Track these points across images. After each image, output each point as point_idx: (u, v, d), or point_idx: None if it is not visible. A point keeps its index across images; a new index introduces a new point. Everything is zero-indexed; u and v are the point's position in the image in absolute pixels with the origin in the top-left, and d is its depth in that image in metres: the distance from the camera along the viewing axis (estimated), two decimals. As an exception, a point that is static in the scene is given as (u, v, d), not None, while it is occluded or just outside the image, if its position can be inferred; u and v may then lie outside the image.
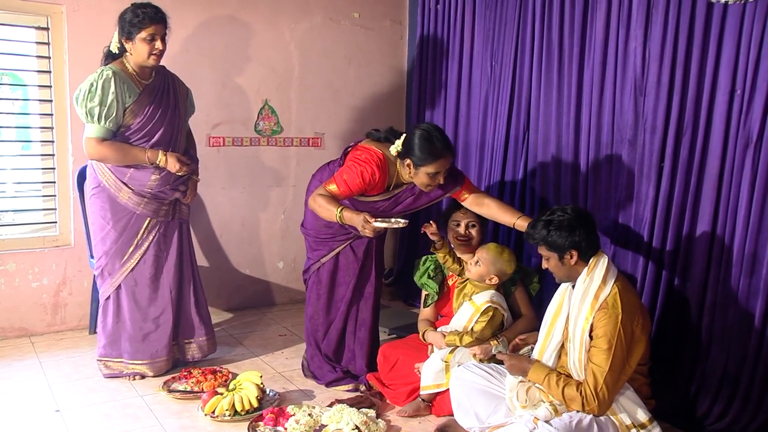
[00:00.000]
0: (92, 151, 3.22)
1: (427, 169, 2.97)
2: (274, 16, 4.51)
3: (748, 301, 2.88)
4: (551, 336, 2.63)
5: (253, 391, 3.04)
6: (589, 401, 2.40)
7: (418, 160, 2.97)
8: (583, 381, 2.45)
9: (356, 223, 2.95)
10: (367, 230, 2.92)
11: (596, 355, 2.43)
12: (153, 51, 3.18)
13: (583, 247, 2.55)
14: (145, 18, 3.14)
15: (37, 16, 3.85)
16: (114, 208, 3.31)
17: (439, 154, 2.96)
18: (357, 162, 3.07)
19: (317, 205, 3.06)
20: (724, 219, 2.96)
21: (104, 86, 3.13)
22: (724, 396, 2.93)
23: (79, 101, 3.16)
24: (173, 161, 3.29)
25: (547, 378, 2.53)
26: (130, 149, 3.25)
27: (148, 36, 3.15)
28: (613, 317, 2.42)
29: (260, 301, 4.75)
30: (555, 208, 2.65)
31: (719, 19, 2.91)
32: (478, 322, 3.03)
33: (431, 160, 2.95)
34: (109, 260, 3.35)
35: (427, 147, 2.95)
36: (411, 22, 4.97)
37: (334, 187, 3.05)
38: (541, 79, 3.78)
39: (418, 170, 3.00)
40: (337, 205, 3.00)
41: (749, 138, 2.83)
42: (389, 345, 3.37)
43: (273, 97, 4.57)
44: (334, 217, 2.99)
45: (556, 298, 2.68)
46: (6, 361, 3.62)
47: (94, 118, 3.15)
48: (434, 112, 4.66)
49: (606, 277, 2.51)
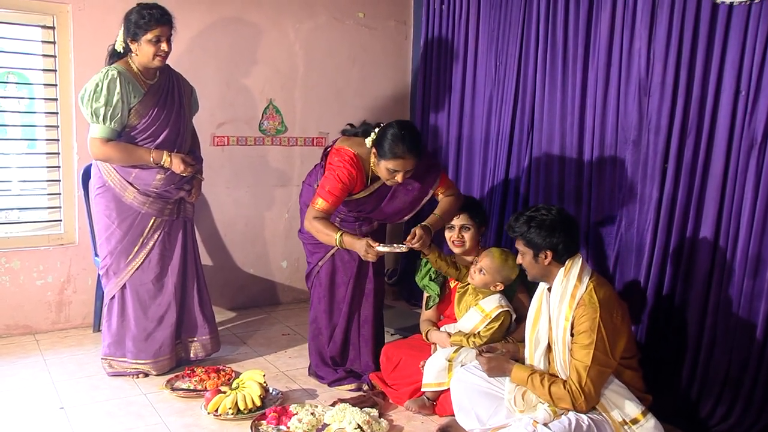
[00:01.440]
0: (97, 151, 3.23)
1: (387, 164, 3.00)
2: (279, 16, 4.52)
3: (751, 303, 2.87)
4: (536, 340, 2.62)
5: (256, 390, 3.04)
6: (576, 397, 2.42)
7: (381, 153, 3.01)
8: (568, 378, 2.46)
9: (358, 248, 2.98)
10: (369, 255, 2.95)
11: (578, 351, 2.45)
12: (158, 53, 3.18)
13: (560, 250, 2.55)
14: (151, 20, 3.14)
15: (43, 15, 3.86)
16: (119, 207, 3.32)
17: (400, 155, 2.96)
18: (332, 168, 3.10)
19: (315, 230, 3.08)
20: (727, 220, 2.96)
21: (109, 86, 3.13)
22: (727, 398, 2.92)
23: (84, 101, 3.17)
24: (178, 162, 3.29)
25: (530, 379, 2.53)
26: (134, 150, 3.25)
27: (153, 38, 3.15)
28: (591, 312, 2.44)
29: (264, 300, 4.76)
30: (541, 206, 2.66)
31: (724, 20, 2.91)
32: (488, 328, 3.02)
33: (391, 157, 2.98)
34: (114, 260, 3.36)
35: (392, 144, 2.96)
36: (416, 22, 4.97)
37: (322, 203, 3.07)
38: (545, 79, 3.78)
39: (380, 162, 3.03)
40: (335, 230, 3.04)
41: (754, 139, 2.83)
42: (392, 345, 3.37)
43: (277, 97, 4.58)
44: (333, 242, 3.02)
45: (534, 303, 2.68)
46: (11, 358, 3.63)
47: (99, 119, 3.16)
48: (438, 111, 4.66)
49: (581, 275, 2.53)
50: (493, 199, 4.15)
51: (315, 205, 3.09)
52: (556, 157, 3.74)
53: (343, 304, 3.40)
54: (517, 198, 3.99)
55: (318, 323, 3.45)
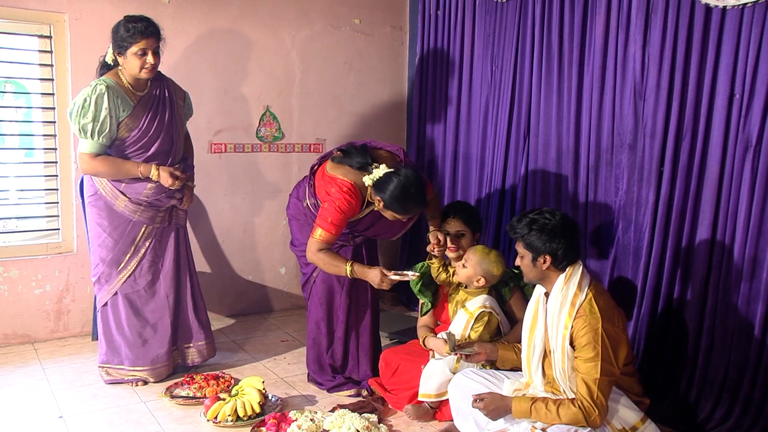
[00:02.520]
0: (85, 166, 3.24)
1: (395, 214, 3.02)
2: (275, 23, 4.53)
3: (748, 305, 2.88)
4: (533, 346, 2.60)
5: (256, 397, 3.04)
6: (590, 412, 2.37)
7: (388, 205, 2.99)
8: (577, 394, 2.42)
9: (371, 278, 3.02)
10: (384, 284, 2.99)
11: (583, 365, 2.41)
12: (144, 65, 3.17)
13: (559, 256, 2.53)
14: (136, 33, 3.12)
15: (40, 25, 3.87)
16: (111, 215, 3.33)
17: (408, 210, 3.01)
18: (331, 200, 3.06)
19: (322, 262, 3.10)
20: (724, 223, 2.97)
21: (97, 102, 3.12)
22: (725, 401, 2.93)
23: (72, 117, 3.16)
24: (166, 176, 3.28)
25: (534, 408, 2.47)
26: (122, 164, 3.25)
27: (139, 50, 3.14)
28: (594, 323, 2.41)
29: (262, 306, 4.76)
30: (545, 209, 2.64)
31: (718, 23, 2.93)
32: (473, 330, 3.04)
33: (402, 212, 3.00)
34: (105, 267, 3.37)
35: (402, 200, 2.95)
36: (411, 28, 4.99)
37: (325, 234, 3.05)
38: (541, 83, 3.80)
39: (386, 211, 3.04)
40: (344, 261, 3.07)
41: (749, 141, 2.84)
42: (390, 351, 3.37)
43: (274, 104, 4.59)
44: (343, 273, 3.06)
45: (531, 308, 2.66)
46: (9, 367, 3.63)
47: (87, 134, 3.15)
48: (435, 116, 4.67)
49: (581, 284, 2.50)
50: (490, 204, 4.16)
51: (317, 236, 3.06)
52: (553, 161, 3.75)
53: (340, 311, 3.40)
54: (514, 202, 4.00)
55: (316, 332, 3.45)
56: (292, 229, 3.48)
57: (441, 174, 4.63)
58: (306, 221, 3.35)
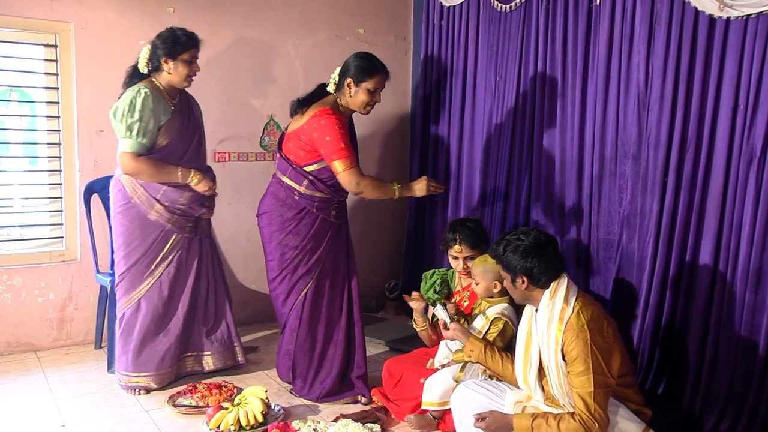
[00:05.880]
0: (128, 165, 3.27)
1: (368, 84, 3.15)
2: (279, 33, 4.54)
3: (753, 316, 2.87)
4: (529, 363, 2.58)
5: (259, 406, 3.03)
6: (590, 425, 2.35)
7: (361, 78, 3.15)
8: (575, 408, 2.41)
9: (418, 189, 3.23)
10: (432, 187, 3.22)
11: (575, 379, 2.39)
12: (191, 73, 3.33)
13: (535, 274, 2.50)
14: (190, 40, 3.30)
15: (46, 34, 3.89)
16: (143, 224, 3.36)
17: (381, 69, 3.19)
18: (324, 128, 3.10)
19: (370, 186, 3.16)
20: (728, 233, 2.96)
21: (144, 102, 3.21)
22: (730, 413, 2.91)
23: (117, 116, 3.22)
24: (206, 182, 3.38)
25: (535, 425, 2.45)
26: (164, 165, 3.31)
27: (189, 57, 3.30)
28: (582, 336, 2.39)
29: (266, 316, 4.74)
30: (521, 229, 2.61)
31: (722, 34, 2.93)
32: (488, 334, 3.02)
33: (375, 73, 3.16)
34: (132, 275, 3.39)
35: (369, 64, 3.16)
36: (415, 38, 5.00)
37: (344, 161, 3.09)
38: (544, 93, 3.80)
39: (359, 87, 3.15)
40: (389, 182, 3.23)
41: (753, 153, 2.84)
42: (394, 360, 3.36)
43: (278, 113, 4.59)
44: (392, 194, 3.20)
45: (524, 326, 2.64)
46: (12, 376, 3.63)
47: (132, 133, 3.21)
48: (439, 126, 4.68)
49: (567, 297, 2.47)
50: (494, 214, 4.16)
51: (341, 168, 3.08)
52: (556, 171, 3.75)
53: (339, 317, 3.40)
54: (518, 212, 3.99)
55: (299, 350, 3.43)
56: (264, 239, 3.36)
57: (445, 183, 4.63)
58: (279, 213, 3.26)
